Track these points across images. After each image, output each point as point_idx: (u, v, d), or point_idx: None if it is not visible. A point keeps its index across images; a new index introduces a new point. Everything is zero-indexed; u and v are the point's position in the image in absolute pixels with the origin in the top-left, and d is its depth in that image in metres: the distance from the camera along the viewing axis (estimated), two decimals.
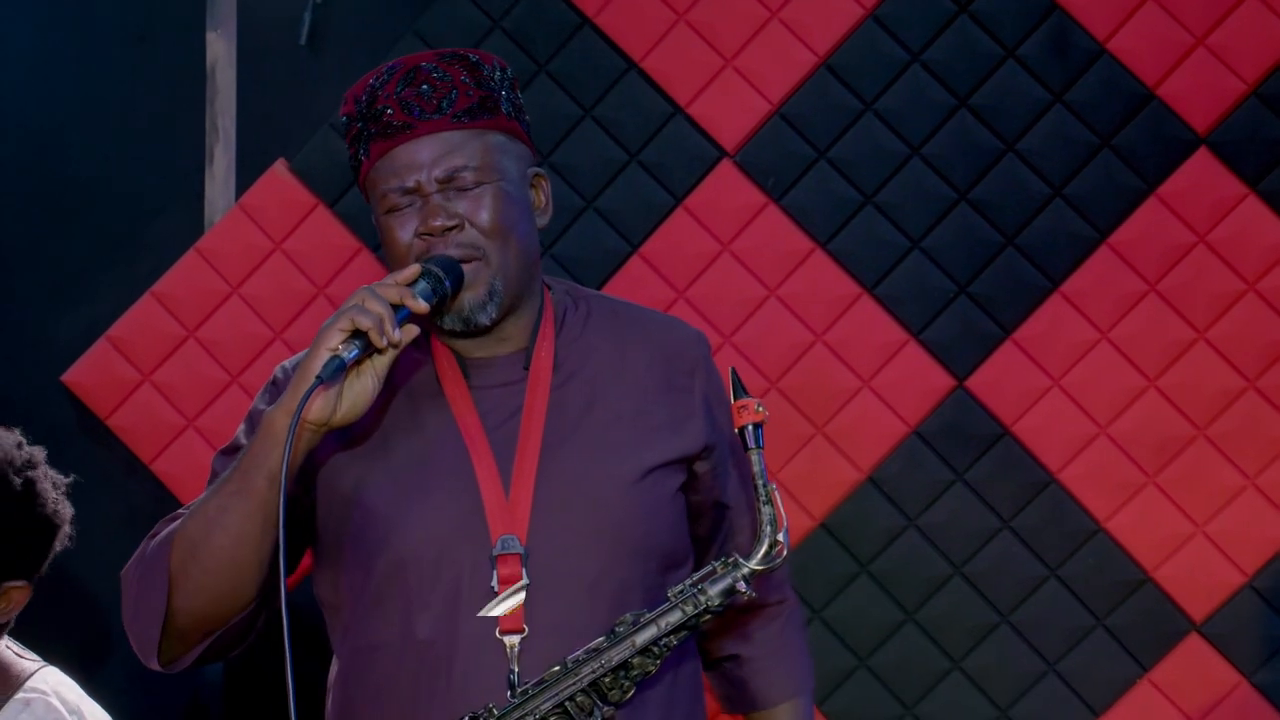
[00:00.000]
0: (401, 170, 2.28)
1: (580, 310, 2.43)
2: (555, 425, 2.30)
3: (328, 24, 4.05)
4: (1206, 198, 3.82)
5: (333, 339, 2.15)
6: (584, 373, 2.35)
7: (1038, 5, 3.88)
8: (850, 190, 3.92)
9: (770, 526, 2.18)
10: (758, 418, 2.21)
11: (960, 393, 3.87)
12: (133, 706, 3.63)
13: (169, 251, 4.02)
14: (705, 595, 2.17)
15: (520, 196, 2.33)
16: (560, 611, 2.22)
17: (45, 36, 4.10)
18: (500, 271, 2.28)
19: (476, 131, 2.29)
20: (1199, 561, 3.79)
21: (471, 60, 2.33)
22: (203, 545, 2.22)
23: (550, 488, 2.27)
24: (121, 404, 3.99)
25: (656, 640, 2.17)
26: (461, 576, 2.24)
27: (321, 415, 2.17)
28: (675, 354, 2.39)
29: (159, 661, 2.31)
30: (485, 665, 2.21)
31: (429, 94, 2.28)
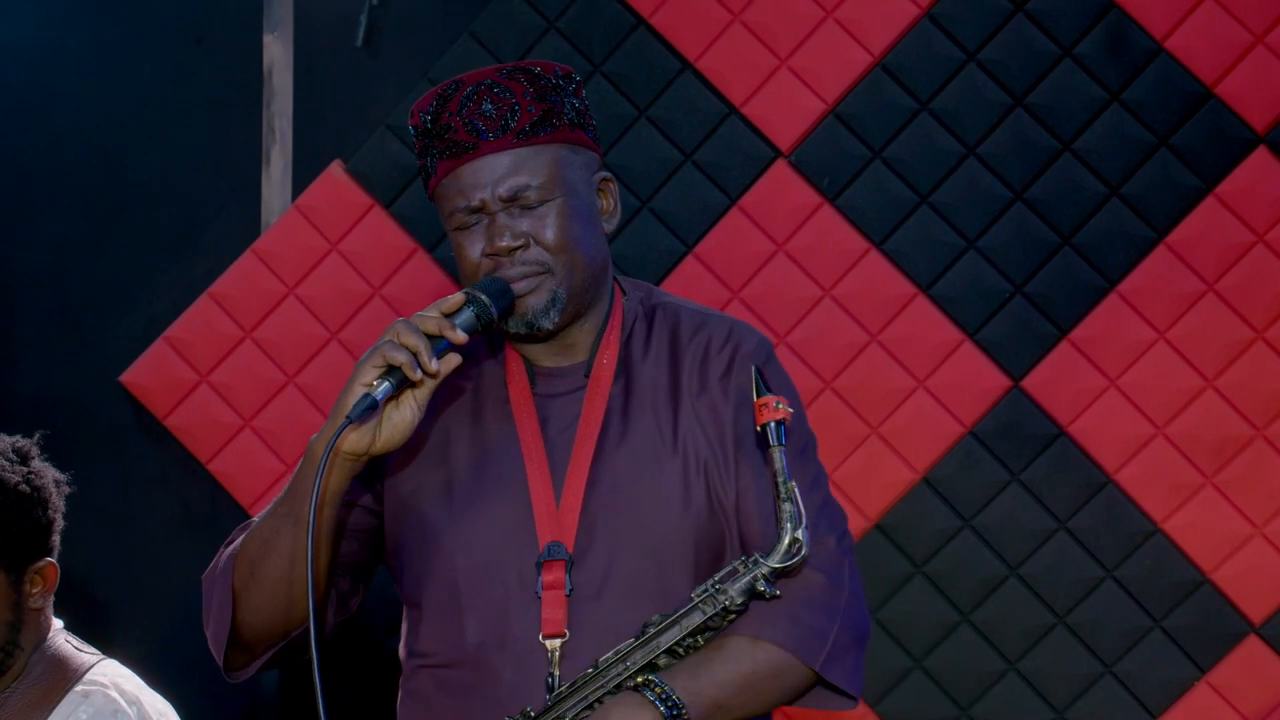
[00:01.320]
0: (467, 189, 2.30)
1: (648, 318, 2.43)
2: (610, 434, 2.32)
3: (384, 26, 4.06)
4: (1265, 197, 3.80)
5: (366, 375, 2.16)
6: (642, 381, 2.36)
7: (1095, 4, 3.86)
8: (905, 190, 3.91)
9: (790, 524, 2.17)
10: (779, 415, 2.20)
11: (1016, 393, 3.86)
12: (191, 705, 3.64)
13: (226, 252, 4.04)
14: (726, 595, 2.19)
15: (586, 207, 2.34)
16: (602, 616, 2.25)
17: (103, 40, 4.13)
18: (564, 282, 2.30)
19: (540, 147, 2.30)
20: (1258, 562, 3.76)
21: (534, 72, 2.33)
22: (259, 566, 2.27)
23: (599, 496, 2.29)
24: (179, 404, 4.02)
25: (680, 641, 2.19)
26: (510, 581, 2.27)
27: (359, 446, 2.20)
28: (720, 359, 2.37)
29: (227, 671, 2.37)
30: (530, 669, 2.24)
31: (492, 113, 2.29)
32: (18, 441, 2.73)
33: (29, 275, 4.11)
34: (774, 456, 2.20)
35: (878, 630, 3.84)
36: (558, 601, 2.25)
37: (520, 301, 2.29)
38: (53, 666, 2.68)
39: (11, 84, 4.13)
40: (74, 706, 2.64)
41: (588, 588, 2.26)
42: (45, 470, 2.72)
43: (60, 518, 2.73)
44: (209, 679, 3.99)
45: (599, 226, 2.37)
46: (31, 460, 2.72)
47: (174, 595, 4.04)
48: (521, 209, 2.29)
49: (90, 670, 2.69)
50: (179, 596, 4.03)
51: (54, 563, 2.71)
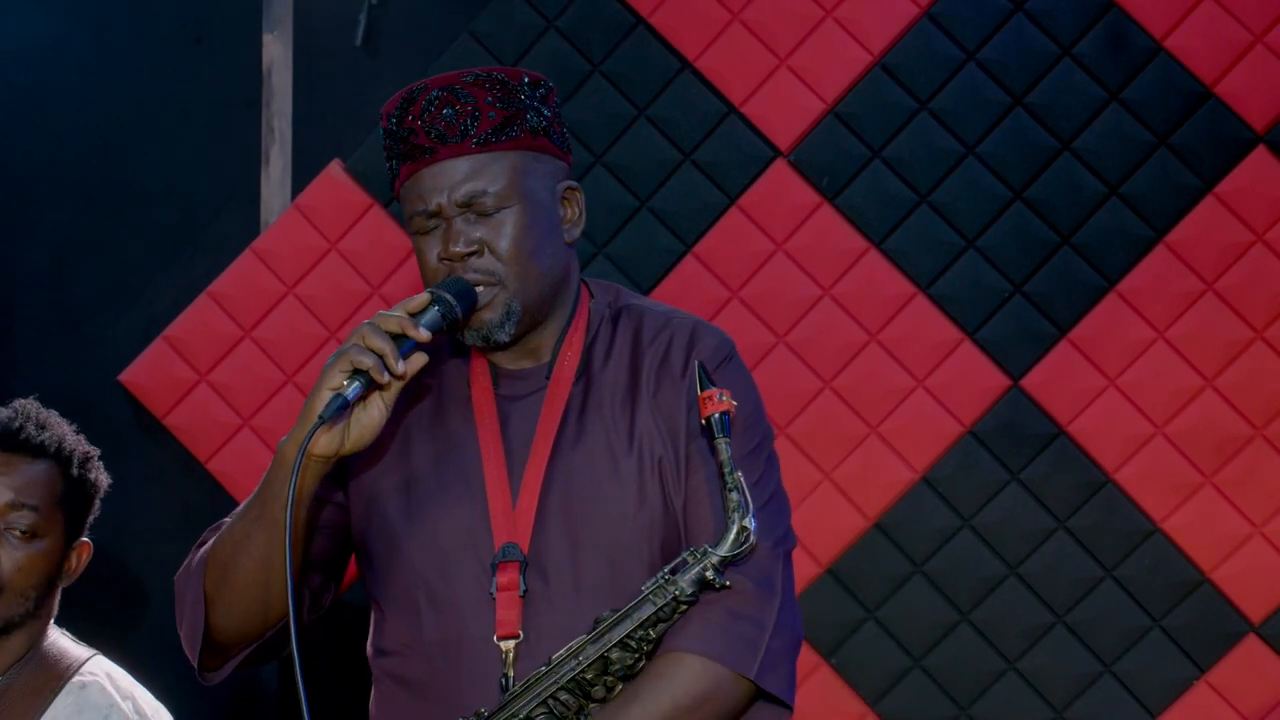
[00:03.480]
0: (425, 193, 2.32)
1: (614, 320, 2.44)
2: (567, 435, 2.34)
3: (383, 25, 4.07)
4: (1265, 196, 3.80)
5: (334, 379, 2.17)
6: (602, 382, 2.37)
7: (1094, 3, 3.86)
8: (905, 190, 3.91)
9: (737, 513, 2.19)
10: (722, 407, 2.22)
11: (1015, 392, 3.86)
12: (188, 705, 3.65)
13: (225, 252, 4.04)
14: (676, 585, 2.20)
15: (544, 215, 2.35)
16: (556, 617, 2.26)
17: (103, 40, 4.13)
18: (518, 295, 2.31)
19: (498, 154, 2.31)
20: (1257, 562, 3.76)
21: (498, 79, 2.34)
22: (230, 569, 2.29)
23: (555, 496, 2.30)
24: (178, 403, 4.02)
25: (631, 633, 2.20)
26: (465, 581, 2.29)
27: (329, 448, 2.22)
28: (675, 359, 2.37)
29: (202, 672, 2.43)
30: (485, 670, 2.26)
31: (451, 118, 2.31)
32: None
33: (29, 275, 4.12)
34: (719, 448, 2.22)
35: (877, 630, 3.85)
36: (511, 602, 2.26)
37: (476, 315, 2.30)
38: (51, 657, 2.74)
39: (11, 84, 4.14)
40: (71, 698, 2.69)
41: (542, 588, 2.28)
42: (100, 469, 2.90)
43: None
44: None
45: (559, 235, 2.37)
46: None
47: (172, 594, 4.03)
48: (478, 215, 2.31)
49: (85, 664, 2.74)
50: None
51: (89, 543, 2.84)
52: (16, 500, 2.68)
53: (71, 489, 2.77)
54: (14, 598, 2.67)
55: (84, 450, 2.81)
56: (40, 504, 2.70)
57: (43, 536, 2.71)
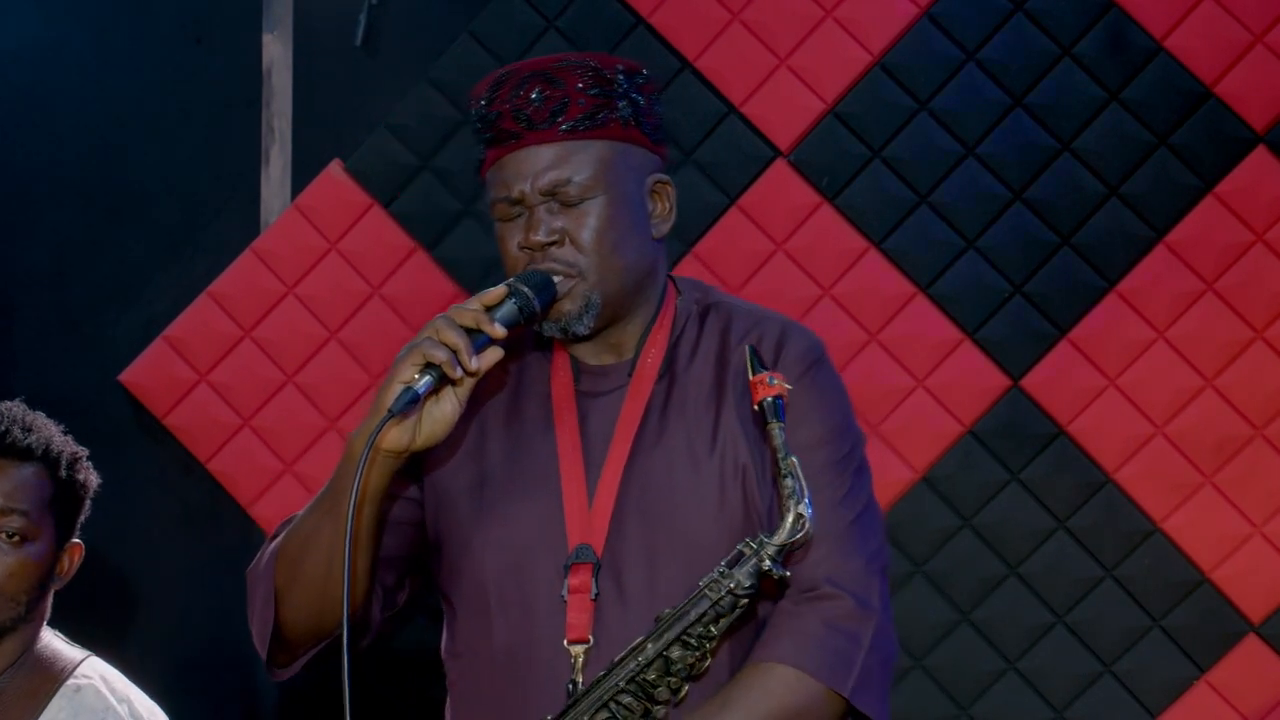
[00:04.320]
0: (508, 180, 2.25)
1: (701, 317, 2.36)
2: (648, 435, 2.26)
3: (383, 25, 4.06)
4: (1264, 196, 3.80)
5: (405, 372, 2.10)
6: (685, 382, 2.30)
7: (1094, 3, 3.86)
8: (905, 190, 3.91)
9: (793, 500, 2.11)
10: (773, 391, 2.15)
11: (1015, 392, 3.86)
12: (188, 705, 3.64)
13: (225, 252, 4.04)
14: (732, 578, 2.11)
15: (630, 208, 2.27)
16: (628, 624, 2.18)
17: (103, 40, 4.13)
18: (599, 287, 2.24)
19: (586, 142, 2.24)
20: (1257, 562, 3.76)
21: (592, 65, 2.28)
22: (299, 564, 2.23)
23: (632, 498, 2.23)
24: (178, 403, 4.02)
25: (688, 629, 2.11)
26: (537, 583, 2.22)
27: (399, 443, 2.15)
28: (763, 355, 2.27)
29: (271, 668, 2.34)
30: (553, 675, 2.19)
31: (539, 102, 2.24)
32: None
33: (29, 275, 4.12)
34: (772, 433, 2.14)
35: None
36: (583, 606, 2.19)
37: (554, 306, 2.23)
38: (45, 659, 2.71)
39: (11, 84, 4.13)
40: (66, 701, 2.67)
41: (615, 593, 2.20)
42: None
43: None
44: (207, 679, 4.02)
45: (645, 229, 2.29)
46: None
47: (173, 595, 4.04)
48: (561, 204, 2.23)
49: (80, 665, 2.72)
50: (178, 596, 4.04)
51: (81, 545, 2.80)
52: (5, 505, 2.65)
53: (61, 491, 2.74)
54: (5, 602, 2.64)
55: (72, 451, 2.78)
56: (29, 508, 2.67)
57: (33, 540, 2.67)
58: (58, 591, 2.78)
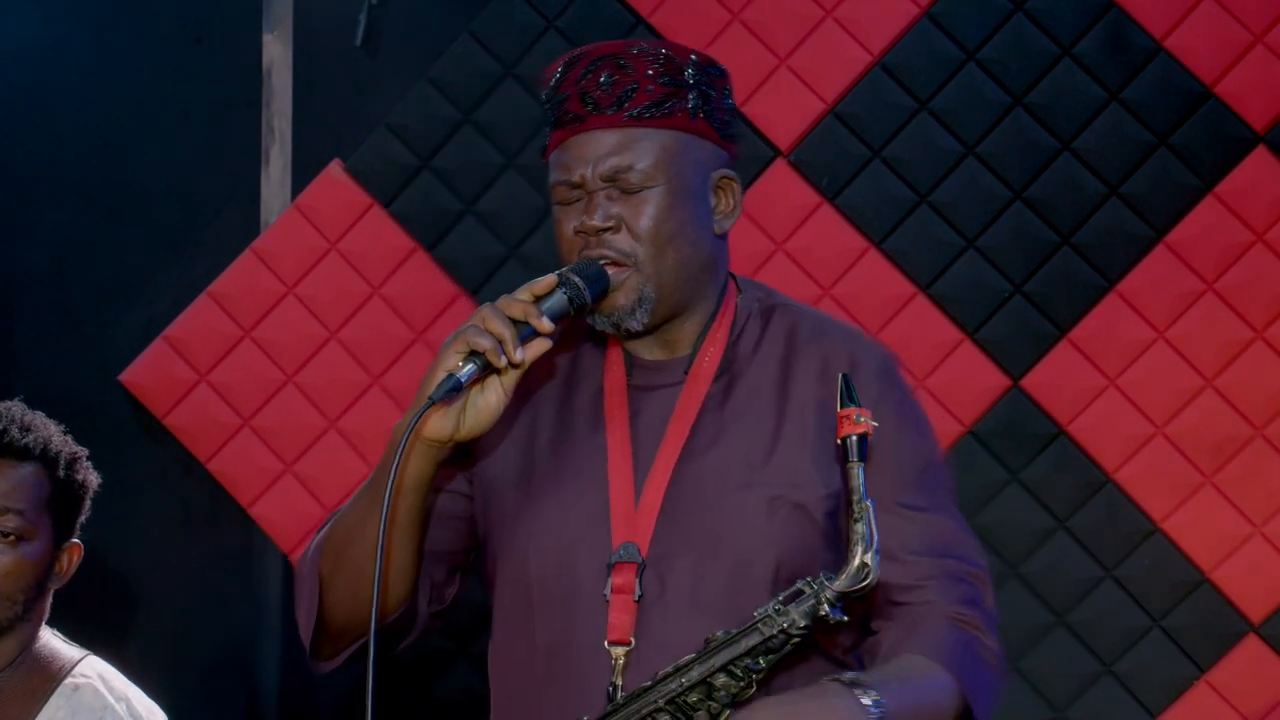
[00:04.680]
0: (570, 163, 2.20)
1: (763, 318, 2.30)
2: (701, 435, 2.21)
3: (383, 25, 4.06)
4: (1264, 196, 3.80)
5: (449, 360, 2.06)
6: (745, 384, 2.24)
7: (1094, 3, 3.86)
8: (905, 189, 3.91)
9: (861, 546, 2.01)
10: (859, 429, 2.04)
11: (1015, 392, 3.86)
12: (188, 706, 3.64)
13: (225, 252, 4.04)
14: (787, 617, 2.02)
15: (691, 201, 2.21)
16: (671, 627, 2.12)
17: (103, 39, 4.13)
18: (653, 279, 2.19)
19: (651, 130, 2.20)
20: (1257, 562, 3.76)
21: (665, 54, 2.23)
22: (344, 555, 2.19)
23: (681, 499, 2.17)
24: (178, 404, 4.02)
25: (735, 660, 2.03)
26: (579, 581, 2.17)
27: (442, 432, 2.11)
28: (835, 368, 2.19)
29: (314, 659, 2.30)
30: (593, 674, 2.14)
31: (607, 86, 2.20)
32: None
33: (29, 275, 4.12)
34: (850, 473, 2.05)
35: None
36: (626, 607, 2.14)
37: (607, 299, 2.18)
38: (44, 658, 2.71)
39: (12, 84, 4.13)
40: (64, 700, 2.67)
41: (659, 595, 2.14)
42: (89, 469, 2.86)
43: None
44: (207, 679, 4.02)
45: (706, 223, 2.24)
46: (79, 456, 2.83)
47: (173, 594, 4.04)
48: (621, 191, 2.18)
49: (78, 664, 2.72)
50: (178, 596, 4.04)
51: (80, 545, 2.79)
52: (2, 504, 2.64)
53: (59, 491, 2.73)
54: (2, 602, 2.64)
55: (71, 451, 2.77)
56: (26, 507, 2.66)
57: (30, 540, 2.67)
58: (58, 591, 2.78)
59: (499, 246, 4.00)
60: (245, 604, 4.02)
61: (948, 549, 2.25)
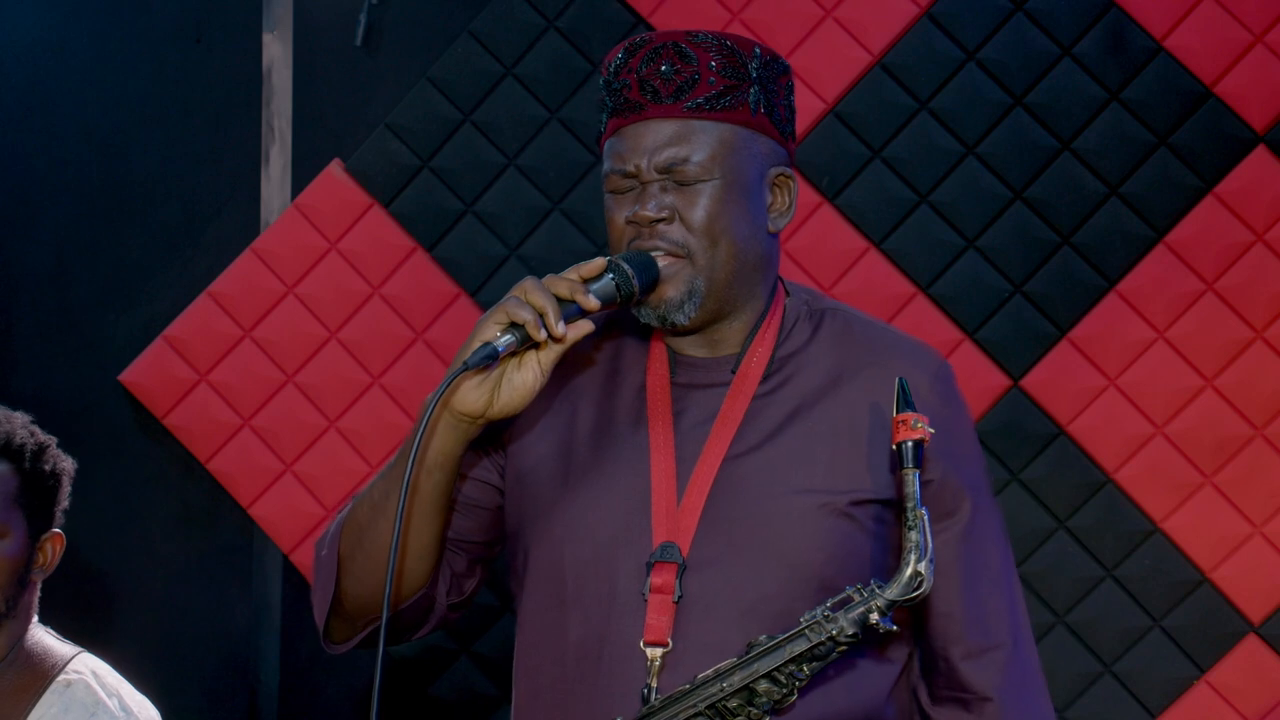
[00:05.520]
0: (626, 152, 2.17)
1: (813, 320, 2.26)
2: (747, 436, 2.17)
3: (383, 25, 4.06)
4: (1265, 196, 3.80)
5: (487, 331, 2.03)
6: (793, 386, 2.20)
7: (1094, 3, 3.86)
8: (905, 189, 3.91)
9: (914, 555, 1.99)
10: (916, 434, 2.01)
11: (1015, 392, 3.86)
12: (189, 705, 3.66)
13: (225, 252, 4.04)
14: (836, 624, 2.00)
15: (747, 196, 2.18)
16: (710, 630, 2.09)
17: (103, 39, 4.13)
18: (704, 273, 2.15)
19: (710, 123, 2.16)
20: (1257, 562, 3.76)
21: (728, 45, 2.21)
22: (368, 532, 2.16)
23: (725, 500, 2.13)
24: (178, 404, 4.02)
25: (780, 667, 2.01)
26: (617, 579, 2.13)
27: (475, 406, 2.08)
28: (890, 376, 2.14)
29: (327, 639, 2.28)
30: (627, 675, 2.10)
31: (669, 75, 2.17)
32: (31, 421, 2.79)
33: (29, 274, 4.12)
34: (905, 479, 2.02)
35: None
36: (664, 608, 2.10)
37: (655, 291, 2.14)
38: (36, 655, 2.70)
39: (12, 83, 4.14)
40: (57, 696, 2.66)
41: (698, 597, 2.10)
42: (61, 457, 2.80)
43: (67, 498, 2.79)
44: (207, 678, 4.02)
45: (760, 220, 2.20)
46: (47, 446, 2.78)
47: (173, 594, 4.04)
48: (676, 183, 2.15)
49: (71, 661, 2.71)
50: (178, 595, 4.04)
51: (61, 535, 2.75)
52: None
53: (28, 484, 2.68)
54: None
55: (37, 441, 2.72)
56: None
57: (4, 537, 2.64)
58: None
59: (499, 246, 4.00)
60: (245, 604, 4.02)
61: (1020, 634, 2.27)
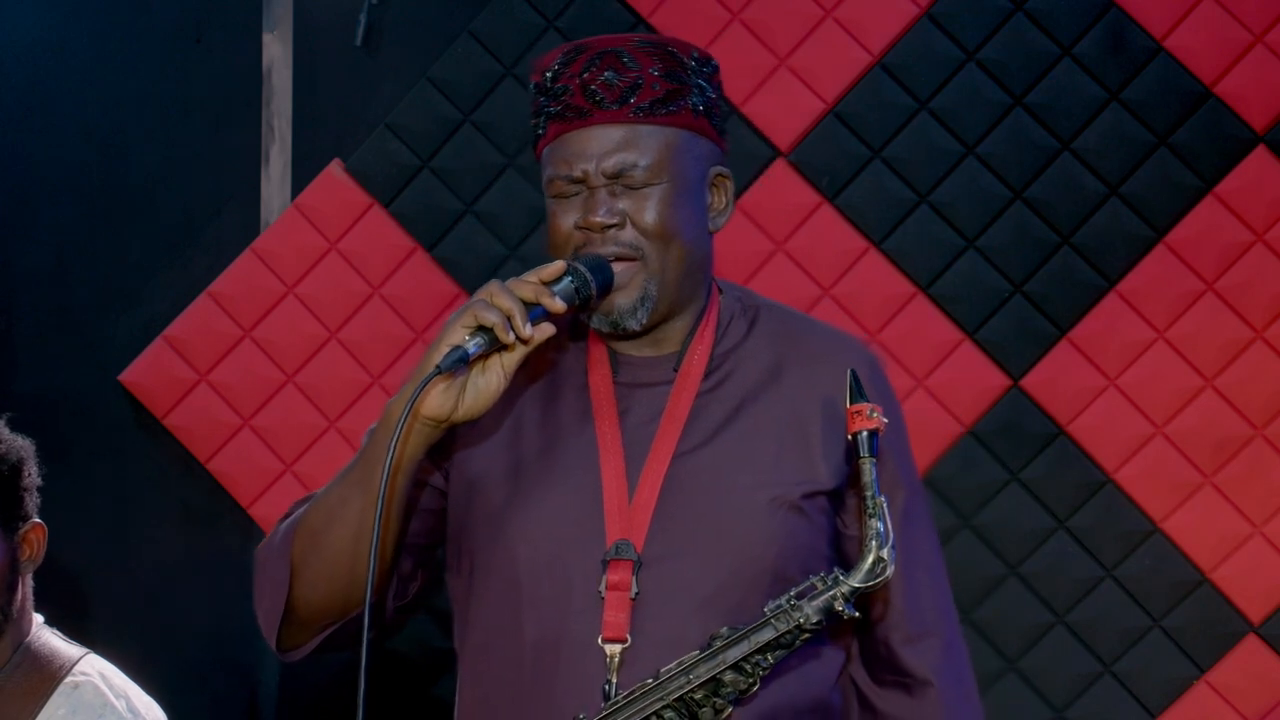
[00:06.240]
0: (572, 157, 2.19)
1: (747, 317, 2.31)
2: (694, 433, 2.20)
3: (383, 25, 4.06)
4: (1264, 196, 3.80)
5: (455, 335, 2.05)
6: (735, 382, 2.24)
7: (1094, 3, 3.86)
8: (905, 189, 3.91)
9: (875, 542, 2.03)
10: (871, 424, 2.06)
11: (1015, 392, 3.86)
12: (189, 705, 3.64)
13: (225, 252, 4.04)
14: (801, 612, 2.04)
15: (693, 198, 2.22)
16: (667, 625, 2.12)
17: (103, 39, 4.13)
18: (657, 275, 2.18)
19: (656, 127, 2.19)
20: (1257, 562, 3.76)
21: (668, 50, 2.22)
22: (323, 537, 2.18)
23: (676, 496, 2.17)
24: (178, 403, 4.02)
25: (747, 657, 2.05)
26: (572, 578, 2.16)
27: (441, 411, 2.10)
28: (836, 376, 2.18)
29: (279, 648, 2.29)
30: (586, 673, 2.13)
31: (613, 81, 2.19)
32: None
33: (29, 275, 4.12)
34: (863, 469, 2.06)
35: None
36: (621, 604, 2.13)
37: (609, 297, 2.17)
38: (42, 658, 2.67)
39: (12, 83, 4.13)
40: (65, 698, 2.63)
41: (655, 593, 2.13)
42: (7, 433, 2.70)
43: (35, 480, 2.70)
44: (207, 678, 4.02)
45: (704, 221, 2.24)
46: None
47: (173, 594, 4.04)
48: (625, 188, 2.17)
49: (78, 663, 2.69)
50: (178, 595, 4.04)
51: (41, 524, 2.68)
52: None
53: None
54: None
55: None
56: None
57: None
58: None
59: (499, 246, 4.00)
60: (245, 604, 4.00)
61: (946, 615, 2.34)
